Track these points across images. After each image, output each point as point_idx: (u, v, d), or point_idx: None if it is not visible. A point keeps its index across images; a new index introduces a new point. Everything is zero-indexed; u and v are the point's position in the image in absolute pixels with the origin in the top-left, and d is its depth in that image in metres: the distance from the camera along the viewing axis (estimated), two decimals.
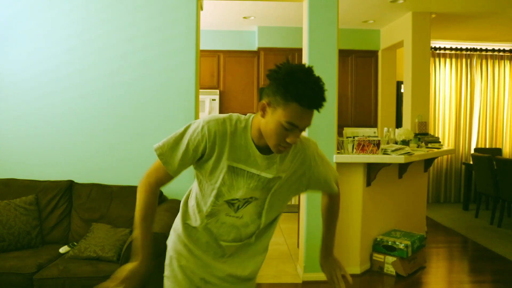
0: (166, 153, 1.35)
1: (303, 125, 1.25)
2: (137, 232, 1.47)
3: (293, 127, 1.23)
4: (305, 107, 1.20)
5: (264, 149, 1.34)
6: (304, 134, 1.49)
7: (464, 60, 6.67)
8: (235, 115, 1.36)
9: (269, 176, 1.36)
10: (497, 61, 6.79)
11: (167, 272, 1.61)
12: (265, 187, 1.37)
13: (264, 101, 1.27)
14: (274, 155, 1.35)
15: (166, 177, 1.39)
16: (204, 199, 1.41)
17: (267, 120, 1.26)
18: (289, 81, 1.19)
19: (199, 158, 1.34)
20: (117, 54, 3.30)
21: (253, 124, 1.34)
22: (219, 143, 1.31)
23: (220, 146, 1.31)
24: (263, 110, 1.28)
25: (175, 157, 1.34)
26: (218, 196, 1.37)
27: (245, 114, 1.40)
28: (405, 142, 4.03)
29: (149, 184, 1.44)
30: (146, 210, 1.48)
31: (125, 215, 2.98)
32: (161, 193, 3.17)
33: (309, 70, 1.22)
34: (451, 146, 6.56)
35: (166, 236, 2.38)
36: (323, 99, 1.22)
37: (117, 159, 3.31)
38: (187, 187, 3.46)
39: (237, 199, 1.38)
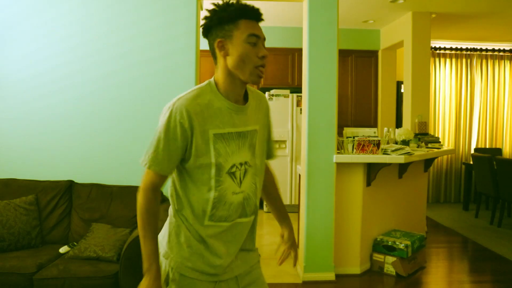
0: (156, 162, 1.32)
1: (261, 34, 1.34)
2: (148, 244, 1.36)
3: (256, 38, 1.32)
4: (251, 18, 1.33)
5: (235, 103, 1.39)
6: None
7: (464, 60, 6.67)
8: (201, 85, 1.37)
9: (249, 128, 1.40)
10: (497, 61, 6.79)
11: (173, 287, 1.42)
12: (251, 145, 1.41)
13: (217, 41, 1.33)
14: (245, 107, 1.40)
15: (163, 179, 1.37)
16: (204, 188, 1.35)
17: (231, 52, 1.32)
18: (225, 9, 1.31)
19: (188, 143, 1.31)
20: (117, 54, 3.30)
21: (216, 81, 1.37)
22: (197, 120, 1.30)
23: (198, 122, 1.30)
24: (222, 48, 1.33)
25: (166, 160, 1.32)
26: (219, 170, 1.33)
27: None
28: (405, 142, 4.03)
29: (151, 197, 1.37)
30: (154, 221, 1.39)
31: (125, 215, 2.98)
32: (161, 192, 3.16)
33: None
34: (451, 146, 6.56)
35: None
36: (257, 8, 1.35)
37: (117, 159, 3.31)
38: None
39: (235, 166, 1.37)
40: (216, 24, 1.32)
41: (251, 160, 1.41)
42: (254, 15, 1.33)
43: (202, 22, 1.37)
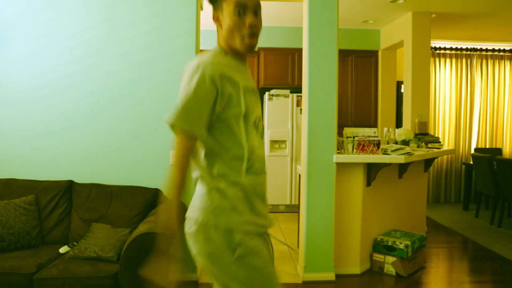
0: (189, 122, 1.28)
1: (250, 2, 1.35)
2: (176, 219, 1.31)
3: (243, 7, 1.34)
4: None
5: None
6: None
7: (464, 60, 6.67)
8: (208, 53, 1.38)
9: (255, 87, 1.47)
10: (497, 61, 6.79)
11: (241, 250, 1.36)
12: (259, 102, 1.48)
13: (214, 16, 1.40)
14: (245, 65, 1.45)
15: (195, 144, 1.33)
16: (236, 139, 1.35)
17: (223, 24, 1.37)
18: None
19: (219, 96, 1.31)
20: (117, 54, 3.30)
21: (221, 45, 1.41)
22: (228, 73, 1.32)
23: (229, 74, 1.33)
24: (218, 21, 1.39)
25: (198, 120, 1.29)
26: (246, 121, 1.36)
27: None
28: (405, 142, 4.03)
29: (186, 167, 1.31)
30: (182, 191, 1.32)
31: (125, 215, 2.98)
32: (161, 193, 3.17)
33: None
34: (451, 146, 6.56)
35: None
36: None
37: (117, 159, 3.31)
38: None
39: (257, 118, 1.43)
40: None
41: (259, 112, 1.47)
42: None
43: None
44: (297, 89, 5.86)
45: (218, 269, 1.38)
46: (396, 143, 4.05)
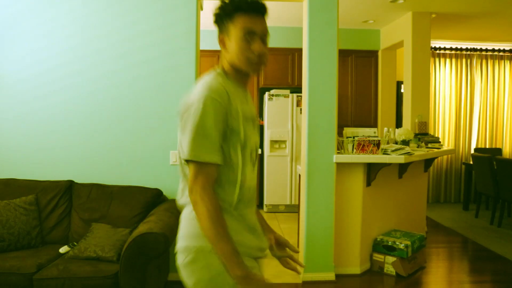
0: (210, 152, 1.24)
1: (258, 28, 1.33)
2: (230, 243, 1.23)
3: (251, 33, 1.31)
4: (249, 11, 1.32)
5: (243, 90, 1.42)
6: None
7: (464, 60, 6.67)
8: (209, 76, 1.35)
9: (255, 114, 1.44)
10: (497, 61, 6.79)
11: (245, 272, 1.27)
12: (257, 130, 1.45)
13: (219, 38, 1.37)
14: (245, 91, 1.42)
15: (216, 171, 1.29)
16: (232, 169, 1.32)
17: (230, 47, 1.34)
18: (225, 6, 1.33)
19: (226, 124, 1.28)
20: (117, 54, 3.30)
21: (223, 69, 1.39)
22: (230, 99, 1.29)
23: (231, 101, 1.30)
24: (223, 43, 1.36)
25: (217, 147, 1.26)
26: (243, 151, 1.33)
27: None
28: (405, 142, 4.03)
29: (213, 194, 1.27)
30: (223, 219, 1.27)
31: (125, 215, 2.98)
32: (161, 193, 3.17)
33: None
34: (451, 146, 6.56)
35: (166, 236, 2.39)
36: (260, 1, 1.35)
37: (117, 159, 3.31)
38: None
39: (253, 148, 1.40)
40: (218, 19, 1.36)
41: (258, 145, 1.44)
42: (251, 8, 1.32)
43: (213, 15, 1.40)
44: (297, 89, 5.86)
45: None
46: (396, 143, 4.05)
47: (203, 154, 1.24)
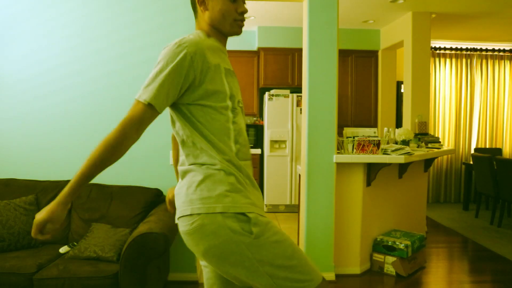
0: (156, 96, 1.25)
1: None
2: (88, 174, 1.29)
3: None
4: None
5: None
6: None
7: (464, 60, 6.67)
8: (188, 36, 1.36)
9: (232, 68, 1.47)
10: (497, 61, 6.79)
11: (257, 229, 1.27)
12: (237, 82, 1.49)
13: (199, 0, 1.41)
14: (225, 48, 1.47)
15: (152, 118, 1.31)
16: (223, 118, 1.34)
17: (212, 7, 1.39)
18: None
19: (197, 78, 1.29)
20: (117, 54, 3.30)
21: (203, 29, 1.43)
22: (209, 54, 1.33)
23: (211, 56, 1.33)
24: (202, 3, 1.41)
25: (165, 95, 1.26)
26: (232, 101, 1.37)
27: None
28: (405, 142, 4.03)
29: (132, 134, 1.32)
30: (114, 159, 1.35)
31: (125, 215, 2.98)
32: (161, 193, 3.17)
33: None
34: (451, 146, 6.56)
35: (166, 236, 2.39)
36: None
37: None
38: None
39: (239, 100, 1.44)
40: None
41: (241, 98, 1.49)
42: None
43: None
44: (297, 89, 5.86)
45: (237, 259, 1.25)
46: (396, 143, 4.05)
47: (150, 95, 1.25)
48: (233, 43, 6.21)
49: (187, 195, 1.31)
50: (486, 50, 6.72)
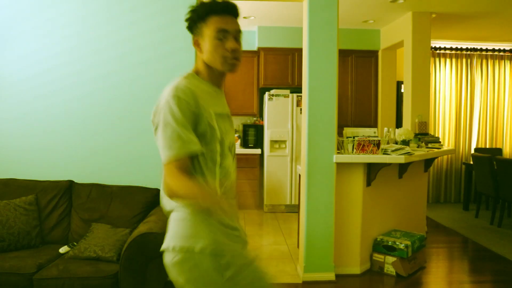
0: (185, 146, 1.28)
1: (230, 27, 1.39)
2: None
3: (224, 33, 1.37)
4: (220, 13, 1.38)
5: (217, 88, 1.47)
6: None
7: (464, 60, 6.67)
8: (179, 79, 1.38)
9: (229, 112, 1.50)
10: (497, 61, 6.79)
11: (231, 272, 1.36)
12: (233, 128, 1.50)
13: (193, 40, 1.44)
14: (222, 92, 1.49)
15: (188, 160, 1.33)
16: (212, 164, 1.37)
17: (204, 49, 1.40)
18: (197, 9, 1.40)
19: (197, 123, 1.33)
20: (116, 54, 3.30)
21: (197, 71, 1.45)
22: (200, 99, 1.34)
23: (201, 101, 1.34)
24: (198, 45, 1.42)
25: (193, 137, 1.30)
26: (222, 146, 1.39)
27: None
28: (405, 142, 4.02)
29: (184, 175, 1.31)
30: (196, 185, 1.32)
31: (125, 215, 2.98)
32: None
33: None
34: (451, 146, 6.56)
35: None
36: (231, 2, 1.41)
37: (117, 159, 3.31)
38: None
39: (230, 143, 1.46)
40: (191, 23, 1.42)
41: (234, 141, 1.51)
42: (223, 9, 1.39)
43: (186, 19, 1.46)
44: (297, 89, 5.85)
45: None
46: (396, 143, 4.05)
47: (179, 150, 1.27)
48: None
49: (172, 229, 1.40)
50: (486, 50, 6.72)
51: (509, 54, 6.82)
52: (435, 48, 6.59)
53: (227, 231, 1.41)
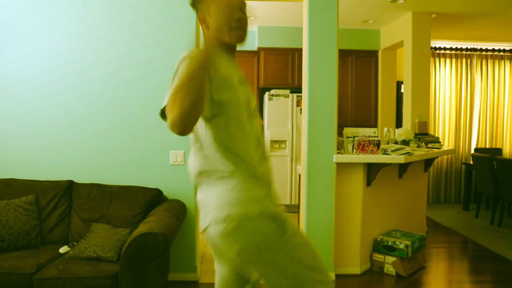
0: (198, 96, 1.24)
1: (235, 1, 1.42)
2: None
3: (229, 5, 1.40)
4: None
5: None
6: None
7: (464, 60, 6.67)
8: (192, 50, 1.35)
9: (244, 76, 1.51)
10: (497, 61, 6.79)
11: (290, 231, 1.38)
12: (251, 94, 1.53)
13: (200, 16, 1.44)
14: (235, 58, 1.50)
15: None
16: (243, 129, 1.38)
17: (213, 23, 1.41)
18: None
19: (214, 87, 1.32)
20: (116, 54, 3.30)
21: (208, 43, 1.39)
22: (220, 64, 1.35)
23: (222, 66, 1.35)
24: (204, 22, 1.44)
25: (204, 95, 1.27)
26: (248, 110, 1.41)
27: None
28: (405, 142, 4.03)
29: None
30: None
31: (125, 215, 2.98)
32: (161, 193, 3.17)
33: None
34: (451, 146, 6.56)
35: (166, 236, 2.39)
36: None
37: (117, 159, 3.31)
38: (187, 187, 3.46)
39: (255, 106, 1.50)
40: (196, 1, 1.45)
41: (254, 103, 1.53)
42: None
43: None
44: (297, 89, 5.85)
45: (270, 257, 1.33)
46: (396, 143, 4.05)
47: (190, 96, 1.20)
48: None
49: (219, 199, 1.35)
50: (486, 50, 6.72)
51: (509, 54, 6.82)
52: (435, 48, 6.59)
53: (271, 196, 1.45)
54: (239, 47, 1.50)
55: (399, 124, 6.30)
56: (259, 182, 1.40)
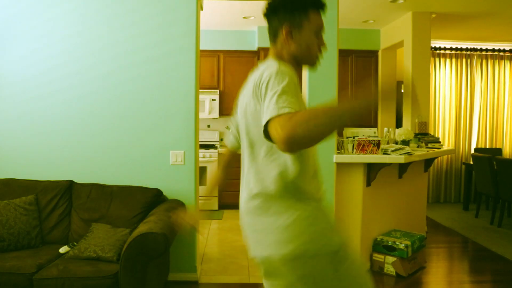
0: (296, 106, 1.14)
1: (323, 25, 1.42)
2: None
3: (321, 31, 1.40)
4: (320, 7, 1.39)
5: None
6: None
7: (464, 60, 6.67)
8: (274, 62, 1.31)
9: None
10: (497, 61, 6.79)
11: (346, 264, 1.39)
12: None
13: (284, 27, 1.35)
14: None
15: None
16: (310, 155, 1.38)
17: (297, 40, 1.36)
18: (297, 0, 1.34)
19: None
20: (116, 54, 3.30)
21: (282, 57, 1.39)
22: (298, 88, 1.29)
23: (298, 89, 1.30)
24: (290, 35, 1.36)
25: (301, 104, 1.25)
26: None
27: None
28: (405, 142, 4.03)
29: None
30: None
31: (125, 215, 2.98)
32: (161, 193, 3.17)
33: None
34: (451, 146, 6.56)
35: (166, 236, 2.39)
36: None
37: (117, 159, 3.31)
38: (187, 187, 3.46)
39: None
40: (287, 9, 1.35)
41: None
42: (322, 5, 1.40)
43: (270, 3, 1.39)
44: None
45: (327, 284, 1.35)
46: (396, 143, 4.05)
47: (291, 105, 1.12)
48: (233, 43, 6.21)
49: (281, 230, 1.33)
50: (486, 50, 6.72)
51: (509, 54, 6.82)
52: (435, 48, 6.59)
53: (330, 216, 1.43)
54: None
55: (399, 124, 6.30)
56: (320, 211, 1.43)
